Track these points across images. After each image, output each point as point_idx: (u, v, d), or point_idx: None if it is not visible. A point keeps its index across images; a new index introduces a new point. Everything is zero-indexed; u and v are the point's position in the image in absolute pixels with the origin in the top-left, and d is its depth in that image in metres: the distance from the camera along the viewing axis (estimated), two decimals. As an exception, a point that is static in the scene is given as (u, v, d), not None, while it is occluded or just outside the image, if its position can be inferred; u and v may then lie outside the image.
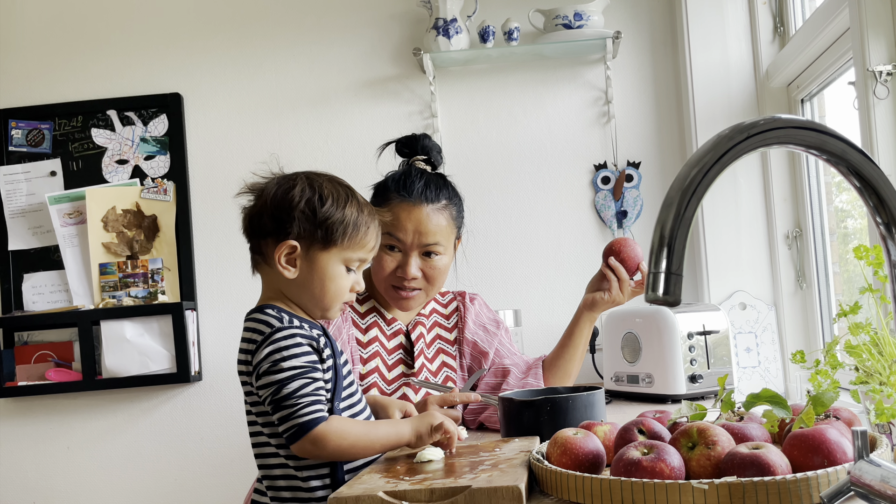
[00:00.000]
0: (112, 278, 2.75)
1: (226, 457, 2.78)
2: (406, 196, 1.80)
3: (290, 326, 1.35)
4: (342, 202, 1.41)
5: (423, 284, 1.83)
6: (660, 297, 0.86)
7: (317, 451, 1.30)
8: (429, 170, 1.88)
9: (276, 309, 1.39)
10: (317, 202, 1.39)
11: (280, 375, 1.30)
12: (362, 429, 1.33)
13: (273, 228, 1.40)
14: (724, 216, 2.57)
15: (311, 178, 1.42)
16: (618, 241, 1.87)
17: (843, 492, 0.85)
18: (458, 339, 1.97)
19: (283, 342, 1.32)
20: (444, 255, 1.84)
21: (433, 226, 1.80)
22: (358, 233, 1.41)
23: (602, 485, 0.99)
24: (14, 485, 2.81)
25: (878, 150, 1.74)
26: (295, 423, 1.28)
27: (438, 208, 1.82)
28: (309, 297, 1.41)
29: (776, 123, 0.89)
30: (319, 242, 1.39)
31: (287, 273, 1.39)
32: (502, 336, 2.01)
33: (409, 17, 2.80)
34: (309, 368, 1.32)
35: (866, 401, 1.21)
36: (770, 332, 2.51)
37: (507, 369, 1.92)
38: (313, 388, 1.30)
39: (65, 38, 2.86)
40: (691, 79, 2.60)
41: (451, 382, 1.91)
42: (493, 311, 2.06)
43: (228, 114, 2.83)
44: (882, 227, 0.91)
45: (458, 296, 2.02)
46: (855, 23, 1.79)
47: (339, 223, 1.39)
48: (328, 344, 1.40)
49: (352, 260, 1.42)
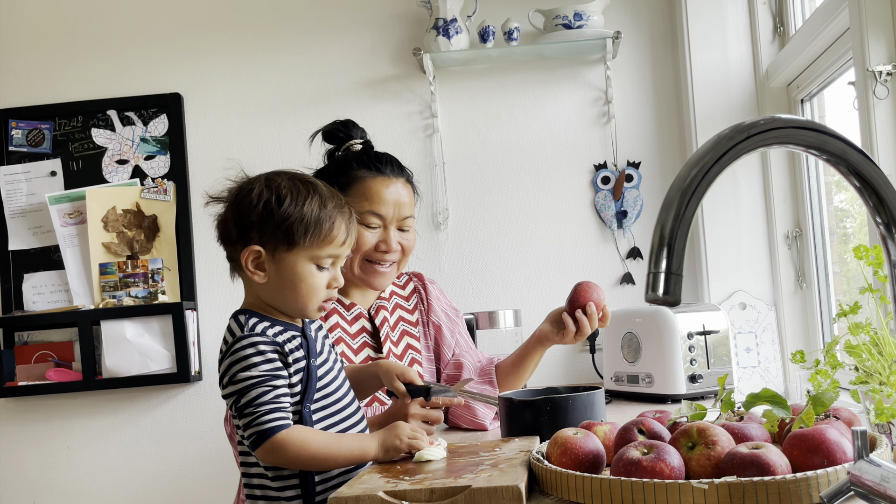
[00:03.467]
0: (112, 278, 2.75)
1: (226, 457, 2.77)
2: (377, 171, 1.84)
3: (250, 335, 1.32)
4: (301, 199, 1.36)
5: (399, 258, 1.86)
6: (660, 297, 0.86)
7: (276, 459, 1.29)
8: None
9: (247, 315, 1.37)
10: (274, 203, 1.35)
11: (239, 385, 1.29)
12: (325, 441, 1.31)
13: (238, 235, 1.38)
14: (724, 216, 2.57)
15: (270, 179, 1.39)
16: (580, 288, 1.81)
17: (842, 492, 0.85)
18: (420, 321, 1.98)
19: (241, 352, 1.31)
20: (413, 227, 1.89)
21: (408, 198, 1.87)
22: (321, 229, 1.36)
23: (602, 485, 0.99)
24: (14, 485, 2.81)
25: (878, 150, 1.74)
26: (255, 430, 1.28)
27: (405, 182, 1.88)
28: (283, 299, 1.38)
29: (776, 123, 0.89)
30: (283, 244, 1.35)
31: (256, 278, 1.36)
32: (461, 326, 2.04)
33: (409, 17, 2.80)
34: (268, 377, 1.30)
35: (866, 401, 1.21)
36: (770, 332, 2.51)
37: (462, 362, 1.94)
38: (273, 396, 1.29)
39: (65, 38, 2.86)
40: (691, 79, 2.60)
41: (416, 364, 1.92)
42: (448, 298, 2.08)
43: (228, 114, 2.84)
44: (882, 227, 0.91)
45: (414, 276, 2.03)
46: (855, 23, 1.79)
47: (300, 222, 1.35)
48: (302, 346, 1.38)
49: (320, 258, 1.38)
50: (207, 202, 1.43)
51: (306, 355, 1.38)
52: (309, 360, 1.38)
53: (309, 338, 1.41)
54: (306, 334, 1.41)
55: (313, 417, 1.37)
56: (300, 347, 1.37)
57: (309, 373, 1.37)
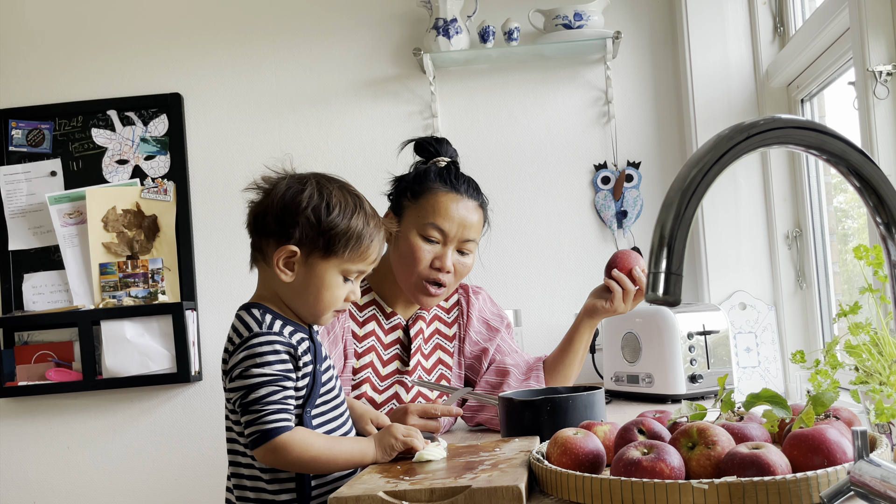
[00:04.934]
0: (112, 278, 2.75)
1: (226, 457, 2.77)
2: (452, 188, 1.81)
3: (268, 332, 1.33)
4: (349, 212, 1.38)
5: (451, 281, 1.81)
6: (660, 297, 0.86)
7: (276, 460, 1.29)
8: None
9: (262, 310, 1.37)
10: (323, 210, 1.36)
11: (250, 381, 1.29)
12: (326, 444, 1.31)
13: (276, 230, 1.38)
14: (724, 216, 2.57)
15: (322, 184, 1.39)
16: (619, 254, 1.84)
17: (842, 492, 0.85)
18: (457, 335, 1.95)
19: (258, 348, 1.31)
20: (473, 253, 1.85)
21: (475, 221, 1.83)
22: (361, 245, 1.38)
23: (602, 485, 0.99)
24: (14, 485, 2.81)
25: (878, 150, 1.74)
26: (258, 428, 1.28)
27: (477, 206, 1.84)
28: (302, 302, 1.39)
29: (776, 123, 0.89)
30: (320, 250, 1.37)
31: (284, 276, 1.37)
32: (504, 333, 1.99)
33: (409, 17, 2.80)
34: (280, 377, 1.30)
35: (866, 401, 1.21)
36: (770, 332, 2.51)
37: (508, 369, 1.90)
38: (281, 397, 1.29)
39: (65, 38, 2.86)
40: (691, 79, 2.60)
41: (444, 381, 1.90)
42: (498, 306, 2.04)
43: (228, 114, 2.84)
44: (882, 227, 0.91)
45: (461, 289, 1.99)
46: (855, 23, 1.79)
47: (343, 234, 1.37)
48: (310, 350, 1.38)
49: (351, 271, 1.40)
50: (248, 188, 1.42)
51: (313, 360, 1.38)
52: (315, 365, 1.38)
53: (316, 342, 1.42)
54: (314, 338, 1.42)
55: (313, 423, 1.37)
56: (308, 351, 1.38)
57: (315, 378, 1.37)
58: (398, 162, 2.08)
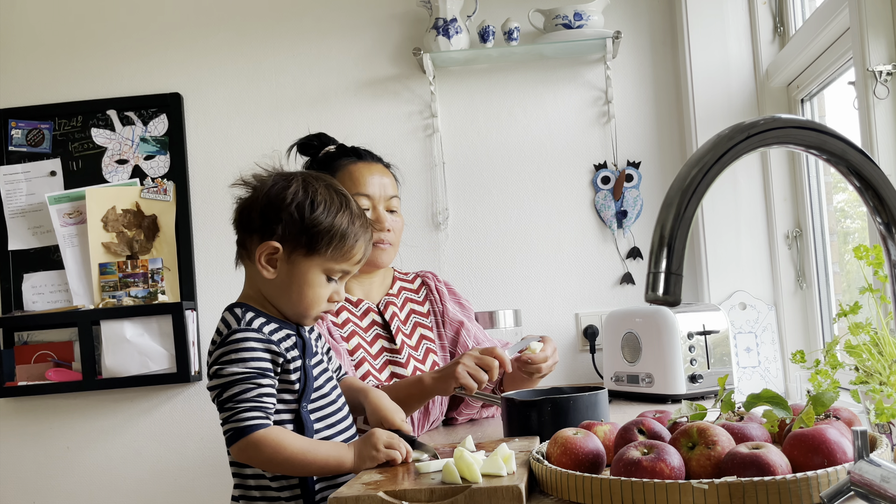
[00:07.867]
0: (112, 278, 2.75)
1: (226, 457, 2.77)
2: (358, 158, 1.94)
3: (245, 329, 1.32)
4: (334, 210, 1.37)
5: (393, 239, 1.92)
6: (660, 297, 0.86)
7: (249, 458, 1.29)
8: None
9: (244, 308, 1.37)
10: (307, 206, 1.36)
11: (224, 379, 1.29)
12: (303, 446, 1.29)
13: (260, 225, 1.37)
14: (724, 216, 2.57)
15: (308, 181, 1.39)
16: None
17: (843, 492, 0.85)
18: (433, 311, 2.01)
19: (233, 346, 1.30)
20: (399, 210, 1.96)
21: (391, 181, 1.95)
22: (345, 244, 1.37)
23: (602, 485, 0.99)
24: (14, 485, 2.81)
25: (878, 150, 1.74)
26: (232, 426, 1.27)
27: (384, 167, 1.97)
28: (286, 300, 1.38)
29: (776, 123, 0.89)
30: (303, 248, 1.36)
31: (266, 273, 1.37)
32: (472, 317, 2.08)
33: (409, 17, 2.80)
34: (255, 374, 1.29)
35: (866, 401, 1.21)
36: (770, 332, 2.51)
37: None
38: (255, 395, 1.28)
39: (65, 38, 2.86)
40: (691, 79, 2.60)
41: (432, 355, 1.94)
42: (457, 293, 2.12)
43: (228, 114, 2.83)
44: (882, 227, 0.91)
45: (421, 275, 2.07)
46: (855, 23, 1.79)
47: (327, 232, 1.36)
48: (297, 345, 1.38)
49: (334, 270, 1.38)
50: (235, 184, 1.42)
51: (301, 355, 1.37)
52: (304, 360, 1.37)
53: (304, 337, 1.41)
54: (301, 334, 1.41)
55: (311, 417, 1.37)
56: (295, 346, 1.37)
57: (305, 372, 1.37)
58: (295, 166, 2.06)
